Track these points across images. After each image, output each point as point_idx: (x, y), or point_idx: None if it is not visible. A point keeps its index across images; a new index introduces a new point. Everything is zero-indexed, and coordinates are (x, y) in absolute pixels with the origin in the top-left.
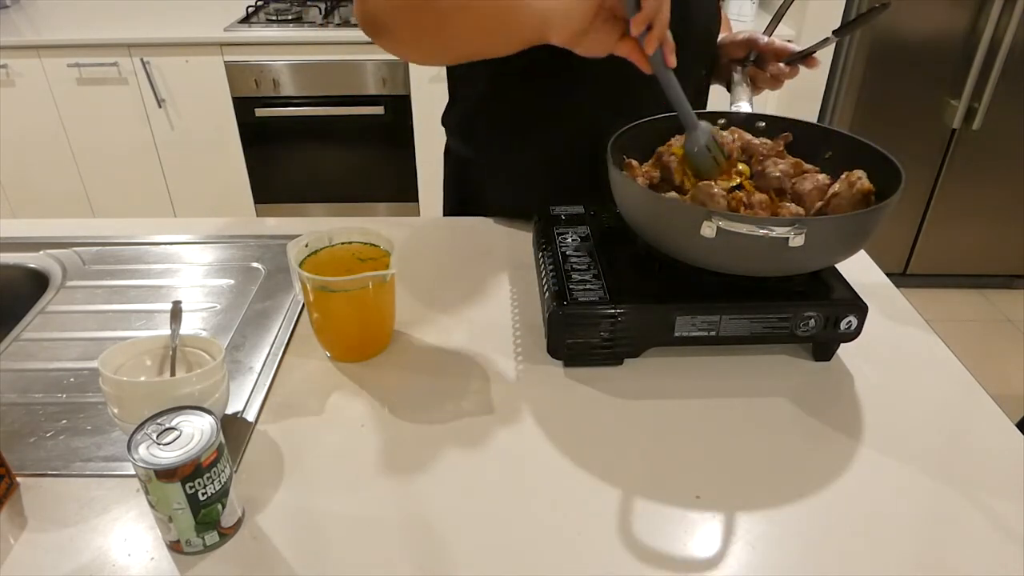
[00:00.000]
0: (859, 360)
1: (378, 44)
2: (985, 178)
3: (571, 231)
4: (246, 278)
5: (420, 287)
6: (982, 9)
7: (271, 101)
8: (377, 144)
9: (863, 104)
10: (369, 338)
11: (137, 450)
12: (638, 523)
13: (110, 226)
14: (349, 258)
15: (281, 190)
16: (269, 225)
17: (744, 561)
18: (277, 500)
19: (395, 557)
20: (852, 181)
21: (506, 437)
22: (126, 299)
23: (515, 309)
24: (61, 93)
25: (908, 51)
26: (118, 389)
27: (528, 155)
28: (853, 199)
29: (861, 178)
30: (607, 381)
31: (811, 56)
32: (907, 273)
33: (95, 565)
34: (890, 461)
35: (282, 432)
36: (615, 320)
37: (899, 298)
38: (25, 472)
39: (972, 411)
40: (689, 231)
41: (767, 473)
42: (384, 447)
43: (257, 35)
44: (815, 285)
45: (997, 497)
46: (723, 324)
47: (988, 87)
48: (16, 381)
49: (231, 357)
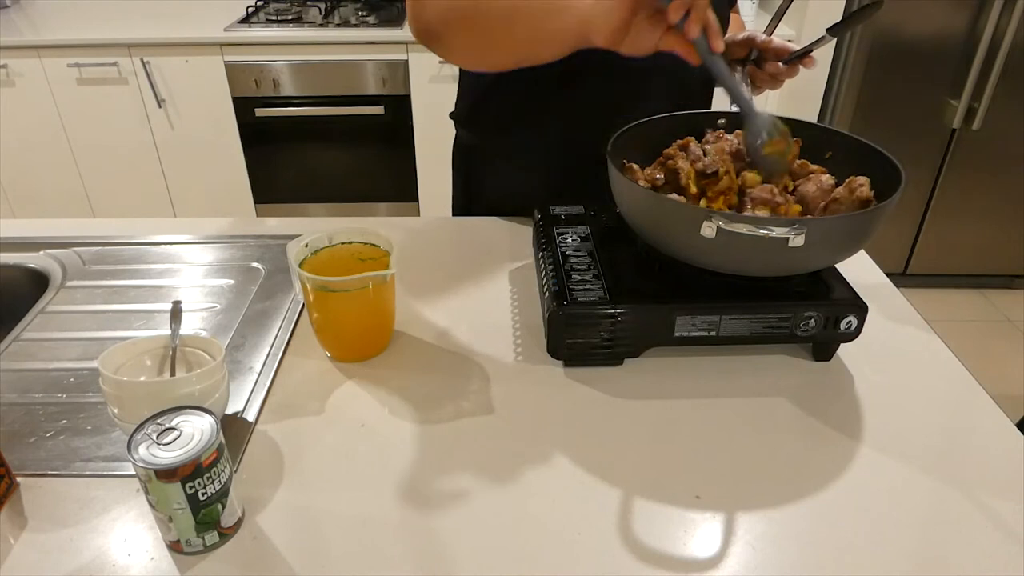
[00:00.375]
0: (859, 360)
1: (433, 51)
2: (985, 178)
3: (571, 231)
4: (246, 278)
5: (420, 287)
6: (982, 9)
7: (271, 101)
8: (377, 144)
9: (863, 104)
10: (369, 338)
11: (137, 450)
12: (638, 523)
13: (110, 226)
14: (349, 258)
15: (281, 190)
16: (269, 225)
17: (744, 561)
18: (277, 500)
19: (395, 557)
20: (853, 188)
21: (506, 437)
22: (126, 299)
23: (515, 309)
24: (61, 93)
25: (908, 51)
26: (118, 389)
27: (533, 141)
28: (852, 205)
29: (863, 185)
30: (607, 381)
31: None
32: (907, 273)
33: (95, 565)
34: (890, 461)
35: (282, 432)
36: (615, 320)
37: (899, 298)
38: (25, 472)
39: (972, 411)
40: (689, 231)
41: (767, 473)
42: (384, 447)
43: (257, 35)
44: (815, 285)
45: (997, 497)
46: (723, 324)
47: (988, 87)
48: (16, 381)
49: (231, 357)
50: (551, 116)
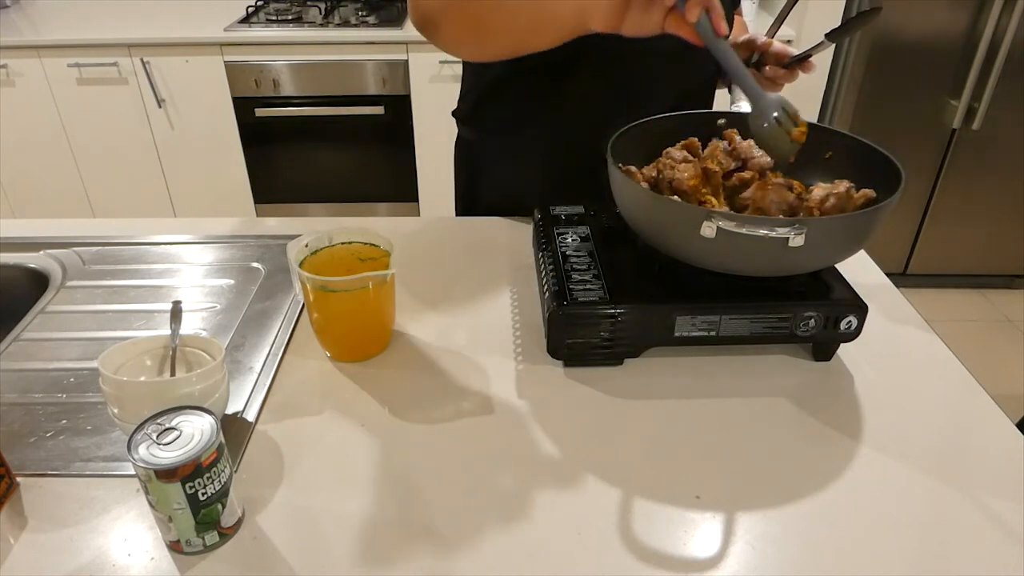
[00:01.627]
0: (859, 360)
1: (431, 41)
2: (985, 178)
3: (571, 231)
4: (246, 278)
5: (420, 287)
6: (982, 9)
7: (271, 101)
8: (377, 144)
9: (863, 104)
10: (369, 338)
11: (137, 450)
12: (638, 523)
13: (110, 226)
14: (349, 258)
15: (281, 190)
16: (269, 225)
17: (744, 561)
18: (277, 500)
19: (395, 557)
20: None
21: (506, 437)
22: (126, 299)
23: (515, 309)
24: (61, 93)
25: (908, 51)
26: (118, 389)
27: (535, 139)
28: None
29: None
30: (607, 381)
31: (807, 60)
32: (907, 273)
33: (95, 565)
34: (890, 461)
35: (282, 432)
36: (615, 320)
37: (899, 298)
38: (25, 472)
39: (972, 411)
40: (689, 231)
41: (767, 473)
42: (384, 447)
43: (257, 35)
44: (815, 285)
45: (997, 497)
46: (723, 324)
47: (988, 87)
48: (16, 381)
49: (231, 357)
50: (552, 116)
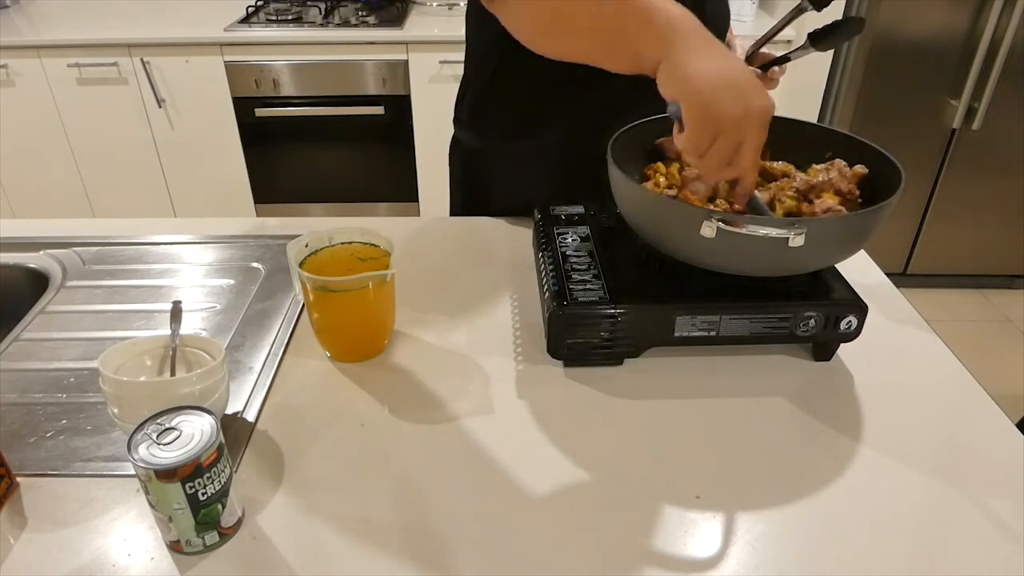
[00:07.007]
0: (859, 360)
1: (494, 12)
2: (985, 178)
3: (571, 231)
4: (246, 278)
5: (420, 287)
6: (982, 9)
7: (271, 101)
8: (377, 144)
9: (863, 104)
10: (369, 338)
11: (137, 450)
12: (638, 523)
13: (110, 226)
14: (349, 258)
15: (281, 190)
16: (269, 225)
17: (744, 561)
18: (277, 500)
19: (395, 557)
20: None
21: (506, 437)
22: (126, 299)
23: (515, 309)
24: (61, 93)
25: (908, 51)
26: (118, 389)
27: (533, 142)
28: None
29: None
30: (607, 381)
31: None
32: (907, 273)
33: (95, 565)
34: (890, 461)
35: (282, 432)
36: (615, 320)
37: (899, 298)
38: (25, 472)
39: (972, 411)
40: (689, 231)
41: (767, 473)
42: (384, 447)
43: (257, 35)
44: (815, 285)
45: (997, 497)
46: (723, 324)
47: (988, 87)
48: (16, 381)
49: (231, 357)
50: (552, 117)
